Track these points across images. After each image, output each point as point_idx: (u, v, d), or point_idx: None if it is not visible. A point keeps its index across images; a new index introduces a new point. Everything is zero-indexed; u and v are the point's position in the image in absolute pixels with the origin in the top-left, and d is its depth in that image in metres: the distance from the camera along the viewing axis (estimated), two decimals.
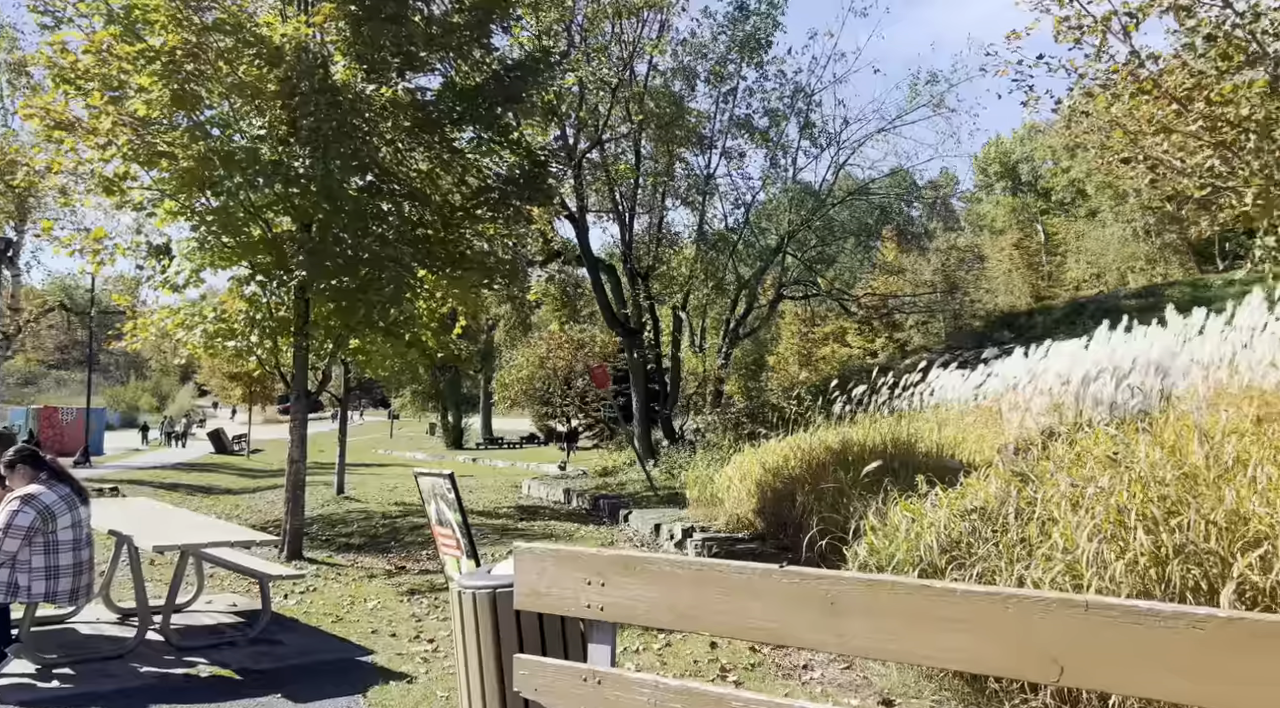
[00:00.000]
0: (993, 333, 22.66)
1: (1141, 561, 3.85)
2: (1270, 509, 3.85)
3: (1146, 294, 23.41)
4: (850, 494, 8.03)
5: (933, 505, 5.25)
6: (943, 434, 10.94)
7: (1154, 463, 4.54)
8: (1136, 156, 8.02)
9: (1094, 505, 4.26)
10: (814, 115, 24.70)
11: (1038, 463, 5.37)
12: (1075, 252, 58.26)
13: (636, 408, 23.23)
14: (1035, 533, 4.49)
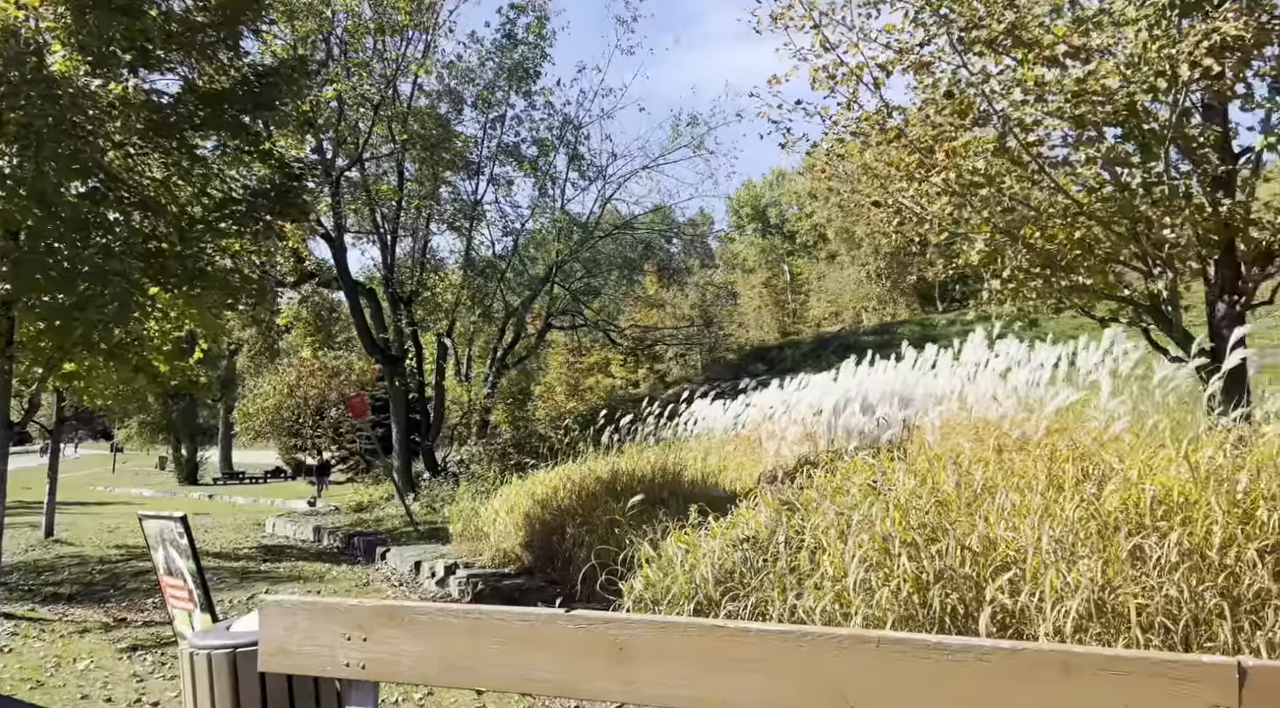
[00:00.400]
0: (748, 365, 23.75)
1: (905, 587, 3.95)
2: (1016, 534, 4.08)
3: (882, 331, 25.43)
4: (622, 525, 7.95)
5: (706, 536, 5.22)
6: (707, 463, 11.16)
7: (911, 491, 4.72)
8: (886, 201, 8.57)
9: (860, 533, 4.36)
10: (582, 148, 25.00)
11: (803, 492, 5.48)
12: (817, 291, 62.69)
13: (397, 439, 22.27)
14: (805, 562, 4.53)
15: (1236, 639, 3.27)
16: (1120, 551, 3.68)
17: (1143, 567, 3.62)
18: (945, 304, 52.46)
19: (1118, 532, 3.82)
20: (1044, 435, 6.95)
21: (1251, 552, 3.44)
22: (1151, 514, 3.84)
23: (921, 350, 12.23)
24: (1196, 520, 3.70)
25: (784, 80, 9.48)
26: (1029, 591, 3.68)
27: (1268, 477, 3.79)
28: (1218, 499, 3.66)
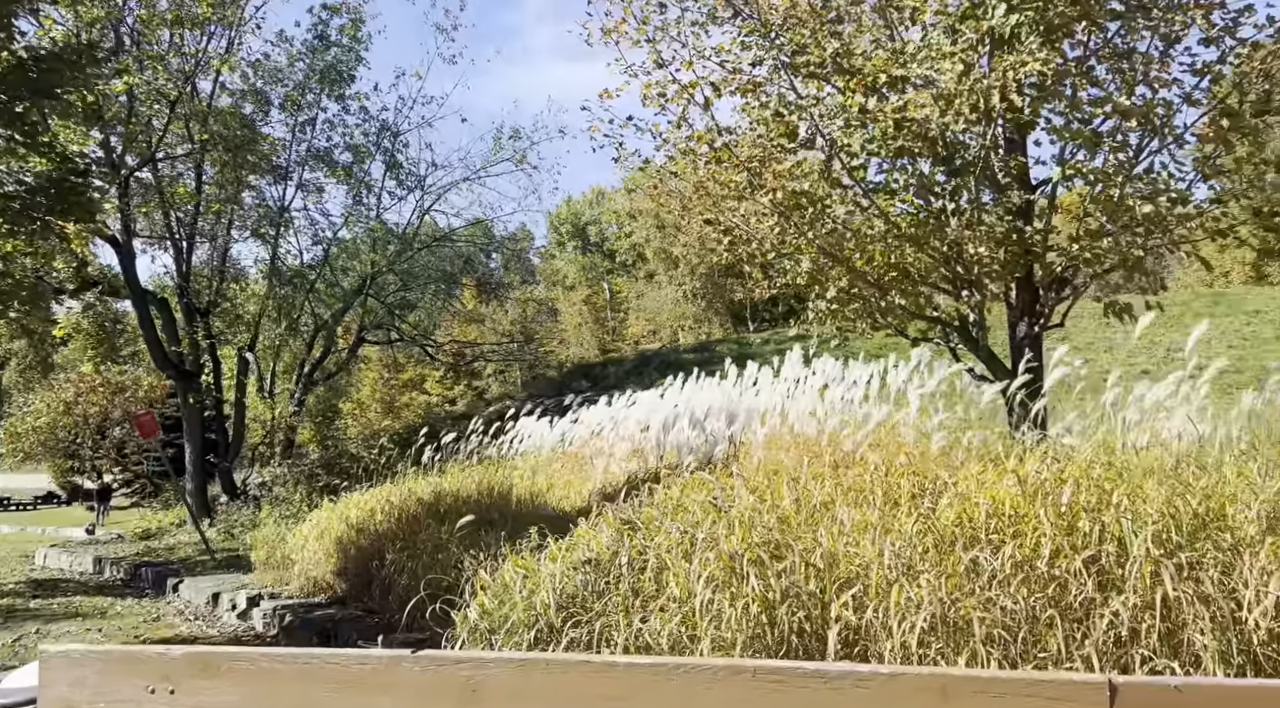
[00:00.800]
0: (571, 381, 23.65)
1: (753, 607, 3.88)
2: (857, 550, 4.10)
3: (702, 349, 25.97)
4: (449, 549, 7.57)
5: (545, 559, 4.99)
6: (535, 482, 10.91)
7: (752, 508, 4.69)
8: (718, 220, 8.64)
9: (705, 552, 4.27)
10: (401, 156, 24.17)
11: (644, 510, 5.35)
12: (636, 309, 63.70)
13: (191, 460, 20.64)
14: (649, 584, 4.40)
15: (1068, 648, 3.39)
16: (958, 565, 3.75)
17: (979, 580, 3.70)
18: (757, 324, 54.45)
19: (954, 546, 3.90)
20: (869, 450, 7.17)
21: (1078, 562, 3.57)
22: (985, 528, 3.95)
23: (743, 368, 12.51)
24: (1026, 533, 3.83)
25: (615, 95, 9.44)
26: (875, 607, 3.69)
27: (1085, 490, 3.98)
28: (1045, 512, 3.80)
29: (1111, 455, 4.62)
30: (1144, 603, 3.40)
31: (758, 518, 4.46)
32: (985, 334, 8.34)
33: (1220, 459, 4.56)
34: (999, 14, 6.03)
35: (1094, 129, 6.52)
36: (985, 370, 8.39)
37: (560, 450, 12.70)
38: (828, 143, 7.23)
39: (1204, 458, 4.66)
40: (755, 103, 8.22)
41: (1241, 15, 6.59)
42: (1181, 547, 3.55)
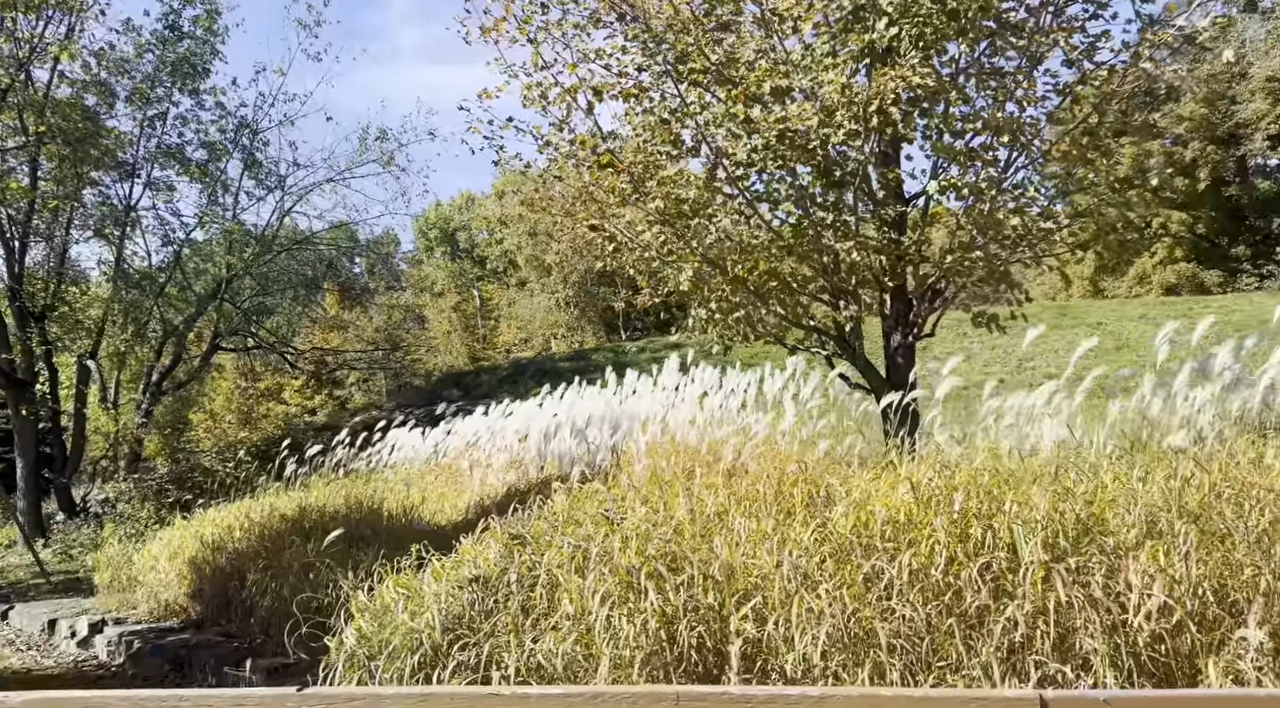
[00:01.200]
0: (442, 390, 22.99)
1: (652, 623, 3.75)
2: (754, 561, 4.03)
3: (578, 357, 25.78)
4: (318, 569, 7.14)
5: (428, 578, 4.73)
6: (409, 496, 10.51)
7: (644, 519, 4.57)
8: (602, 226, 8.51)
9: (600, 567, 4.12)
10: (260, 154, 23.03)
11: (532, 523, 5.15)
12: (508, 317, 63.05)
13: (22, 476, 19.04)
14: (542, 601, 4.21)
15: (967, 656, 3.40)
16: (857, 574, 3.73)
17: (878, 589, 3.69)
18: (630, 332, 54.69)
19: (851, 555, 3.88)
20: (755, 460, 7.18)
21: (973, 570, 3.60)
22: (880, 536, 3.95)
23: (621, 376, 12.44)
24: (921, 541, 3.84)
25: (494, 96, 9.20)
26: (775, 619, 3.62)
27: (976, 497, 4.03)
28: (941, 520, 3.82)
29: (998, 462, 4.72)
30: (1036, 609, 3.44)
31: (652, 530, 4.34)
32: (862, 344, 8.52)
33: (1097, 464, 4.73)
34: (880, 26, 6.16)
35: (967, 144, 6.74)
36: (860, 379, 8.57)
37: (434, 462, 12.31)
38: (713, 151, 7.22)
39: (1080, 463, 4.81)
40: (639, 109, 8.16)
41: (1098, 40, 6.94)
42: (1068, 552, 3.63)
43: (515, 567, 4.50)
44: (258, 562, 7.97)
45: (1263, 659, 3.03)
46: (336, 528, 8.10)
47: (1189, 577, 3.33)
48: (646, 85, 7.64)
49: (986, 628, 3.48)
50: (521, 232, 57.43)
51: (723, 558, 3.98)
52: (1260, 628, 3.07)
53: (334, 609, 5.33)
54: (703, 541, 4.26)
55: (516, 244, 58.50)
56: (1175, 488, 3.91)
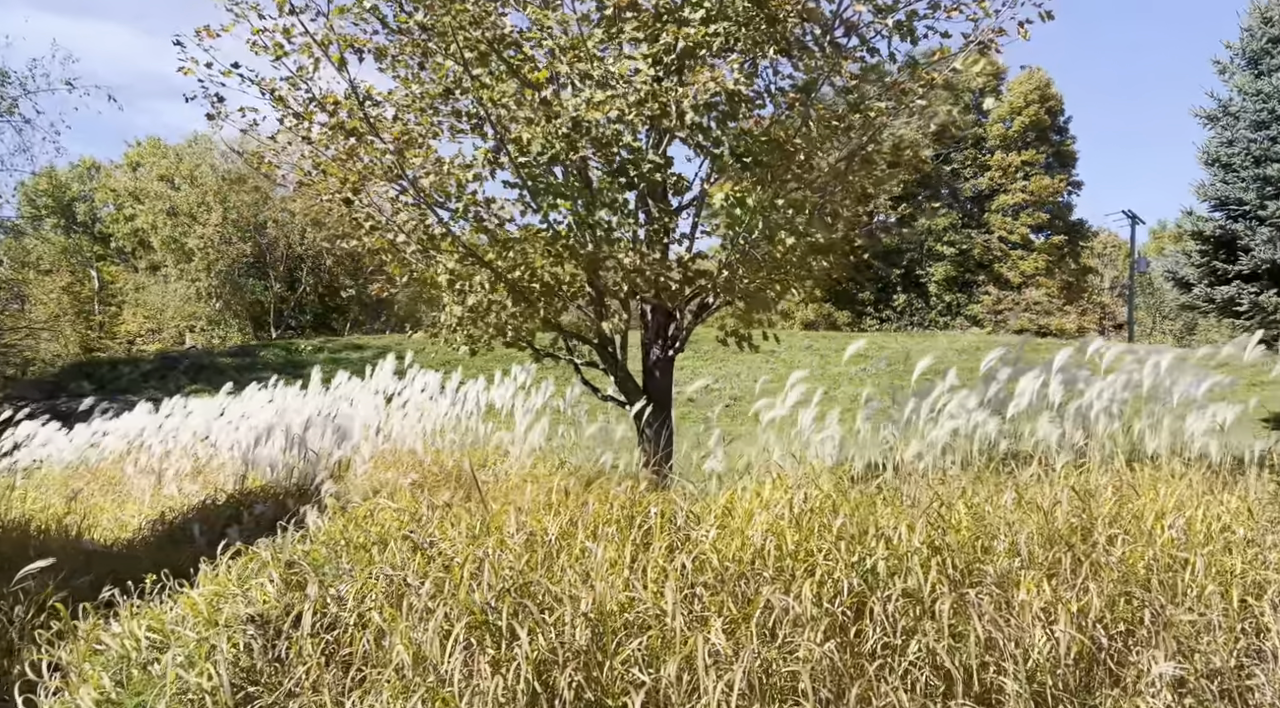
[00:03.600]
0: (69, 383, 19.38)
1: (526, 670, 3.07)
2: (627, 592, 3.49)
3: (242, 353, 23.00)
4: None
5: (176, 617, 3.64)
6: (50, 506, 8.54)
7: (477, 544, 3.85)
8: (361, 200, 7.43)
9: (444, 603, 3.35)
10: None
11: (311, 549, 4.18)
12: (134, 304, 56.17)
13: None
14: (359, 647, 3.35)
15: (879, 694, 3.12)
16: (755, 606, 3.32)
17: (774, 623, 3.32)
18: (280, 330, 50.68)
19: (742, 582, 3.48)
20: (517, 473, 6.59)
21: (876, 603, 3.35)
22: (762, 562, 3.59)
23: (297, 377, 11.29)
24: (807, 568, 3.53)
25: (217, 34, 7.81)
26: (674, 662, 3.11)
27: (854, 520, 3.81)
28: (832, 545, 3.54)
29: (840, 482, 4.56)
30: (947, 645, 3.26)
31: (491, 558, 3.63)
32: (626, 354, 8.21)
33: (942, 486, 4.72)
34: (697, 19, 5.90)
35: (756, 157, 6.65)
36: (615, 391, 8.25)
37: (79, 468, 10.19)
38: (498, 133, 6.55)
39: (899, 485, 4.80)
40: (412, 73, 7.27)
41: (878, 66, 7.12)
42: (959, 583, 3.51)
43: (308, 603, 3.57)
44: None
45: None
46: None
47: (1092, 608, 3.31)
48: (432, 49, 6.76)
49: (894, 664, 3.23)
50: (159, 210, 51.51)
51: (599, 591, 3.39)
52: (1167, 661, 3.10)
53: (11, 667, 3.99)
54: (557, 571, 3.63)
55: (151, 223, 52.29)
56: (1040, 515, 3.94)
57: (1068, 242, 41.37)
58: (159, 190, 52.28)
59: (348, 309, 56.64)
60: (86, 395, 17.24)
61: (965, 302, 41.10)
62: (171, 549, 6.59)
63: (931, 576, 3.41)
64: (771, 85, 6.64)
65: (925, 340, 24.20)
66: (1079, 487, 4.23)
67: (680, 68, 6.38)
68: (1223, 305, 15.56)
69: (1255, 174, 15.33)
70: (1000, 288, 40.34)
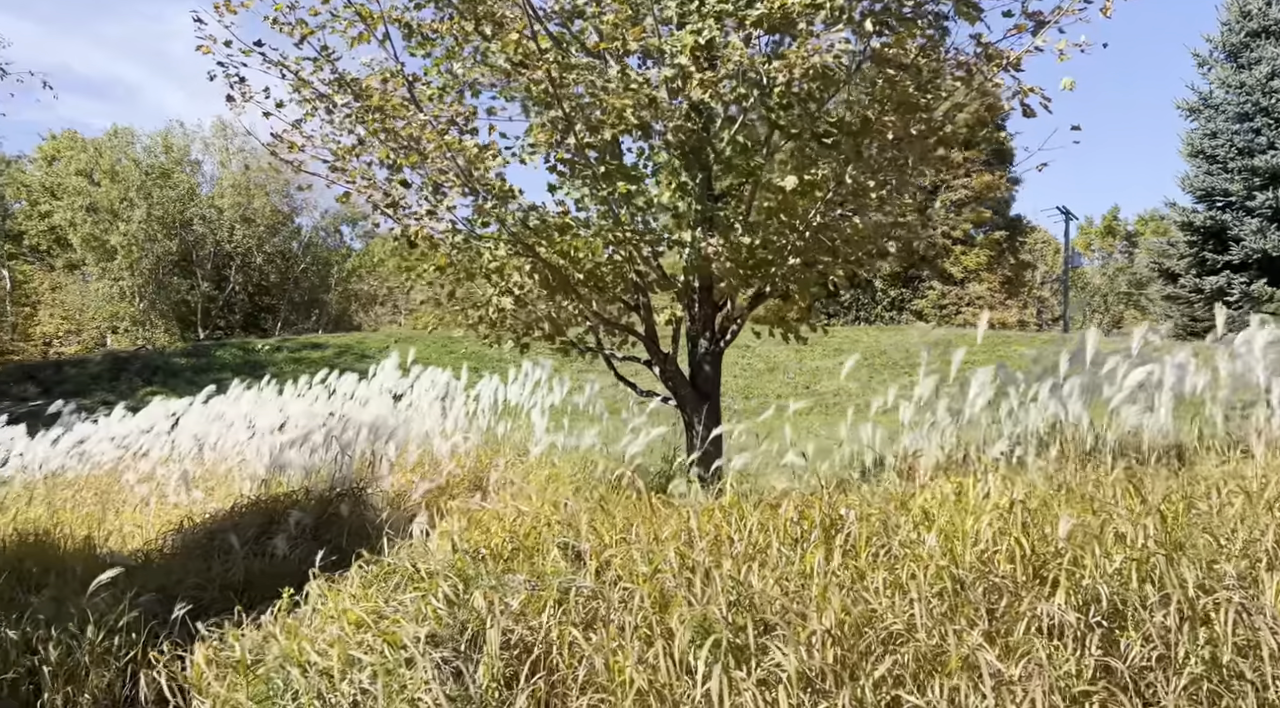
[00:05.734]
0: (11, 385, 18.12)
1: (792, 697, 2.73)
2: (875, 604, 3.17)
3: (196, 354, 21.83)
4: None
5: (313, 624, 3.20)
6: (39, 515, 7.85)
7: (661, 553, 3.49)
8: (374, 185, 6.93)
9: (646, 616, 2.98)
10: None
11: (456, 558, 3.76)
12: (51, 304, 53.75)
13: None
14: (577, 671, 2.97)
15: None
16: (1016, 616, 3.04)
17: (1019, 632, 3.04)
18: (209, 330, 48.89)
19: (979, 591, 3.19)
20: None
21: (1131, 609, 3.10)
22: (992, 568, 3.31)
23: (257, 377, 10.76)
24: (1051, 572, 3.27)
25: (236, 9, 7.27)
26: (948, 681, 2.80)
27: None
28: (1074, 548, 3.27)
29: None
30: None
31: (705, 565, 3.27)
32: (676, 347, 7.88)
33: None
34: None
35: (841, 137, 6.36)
36: (666, 389, 7.87)
37: (62, 475, 9.44)
38: (565, 115, 6.13)
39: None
40: (453, 50, 6.82)
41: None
42: (1203, 586, 3.27)
43: (492, 620, 3.17)
44: None
45: None
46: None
47: None
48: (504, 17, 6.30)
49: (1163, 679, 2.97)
50: (78, 206, 49.25)
51: (835, 603, 3.05)
52: None
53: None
54: (760, 582, 3.28)
55: (69, 220, 49.94)
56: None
57: (1007, 237, 42.30)
58: (78, 185, 49.98)
59: (277, 309, 55.08)
60: (31, 399, 16.23)
61: (910, 296, 41.72)
62: (213, 560, 6.05)
63: (1190, 576, 3.16)
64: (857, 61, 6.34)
65: (895, 334, 24.33)
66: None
67: (777, 42, 6.09)
68: (1212, 295, 15.85)
69: (1243, 166, 15.64)
70: (944, 283, 41.04)
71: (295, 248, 56.54)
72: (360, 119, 6.94)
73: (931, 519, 3.56)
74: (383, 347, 21.96)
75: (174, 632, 4.48)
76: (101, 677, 4.41)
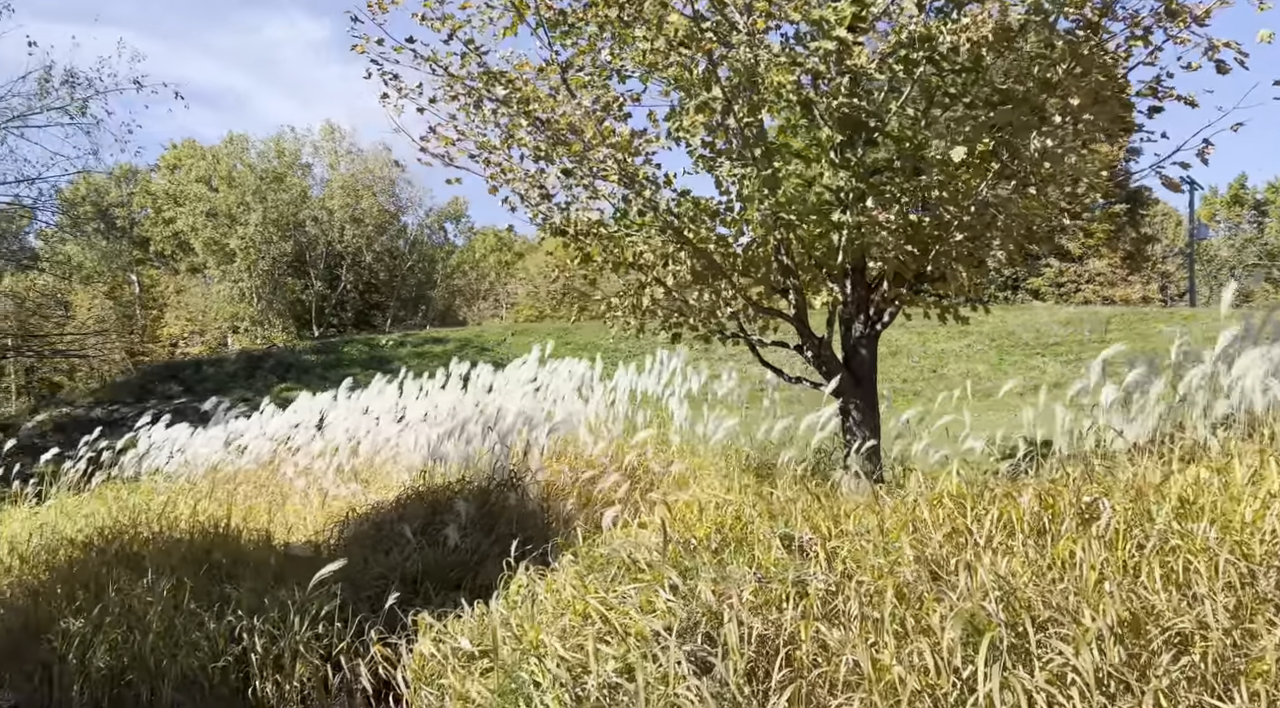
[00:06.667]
0: (156, 384, 19.02)
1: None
2: (1155, 601, 2.94)
3: (325, 350, 22.58)
4: (190, 612, 4.96)
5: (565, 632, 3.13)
6: (212, 510, 8.10)
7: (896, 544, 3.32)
8: (530, 183, 6.91)
9: (886, 609, 2.82)
10: None
11: (671, 549, 3.67)
12: (175, 307, 56.27)
13: None
14: (840, 667, 2.83)
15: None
16: None
17: None
18: (323, 328, 50.38)
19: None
20: None
21: None
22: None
23: (386, 372, 10.94)
24: None
25: (388, 6, 7.34)
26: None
27: None
28: None
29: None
30: None
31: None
32: (831, 331, 7.66)
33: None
34: None
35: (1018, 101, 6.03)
36: (820, 375, 7.67)
37: (228, 469, 9.77)
38: (724, 95, 5.96)
39: None
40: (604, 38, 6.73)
41: None
42: None
43: (729, 613, 3.05)
44: (65, 604, 5.48)
45: None
46: (175, 554, 5.92)
47: None
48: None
49: None
50: (198, 212, 51.34)
51: (1116, 599, 2.84)
52: None
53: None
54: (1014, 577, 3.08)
55: (191, 225, 52.10)
56: None
57: (1128, 211, 40.38)
58: (198, 192, 52.09)
59: (386, 306, 56.42)
60: (176, 397, 16.93)
61: (1025, 275, 40.24)
62: (390, 550, 6.12)
63: None
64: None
65: (1023, 314, 23.41)
66: None
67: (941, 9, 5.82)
68: None
69: None
70: (1061, 260, 39.44)
71: (402, 246, 57.82)
72: (519, 110, 6.87)
73: (1193, 507, 3.29)
74: (500, 340, 22.28)
75: (379, 621, 4.54)
76: (309, 666, 4.49)
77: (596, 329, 20.28)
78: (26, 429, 15.17)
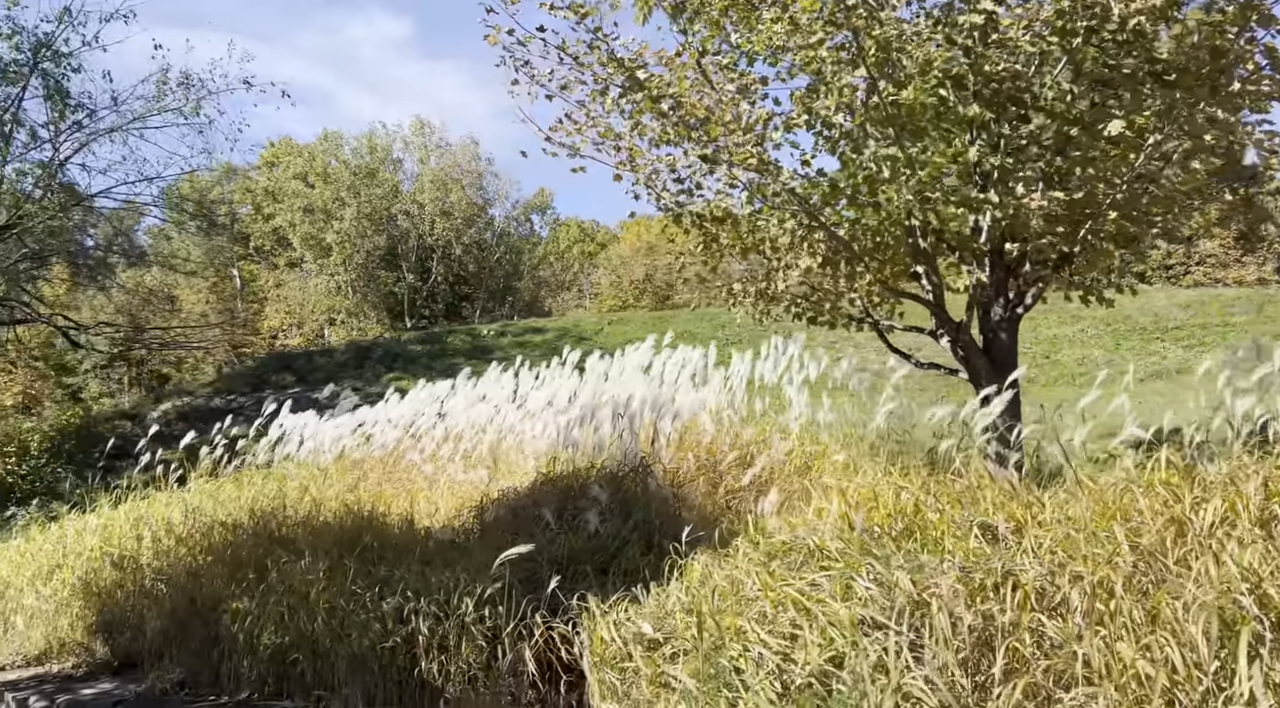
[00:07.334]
0: (270, 375, 19.73)
1: None
2: None
3: (429, 340, 23.11)
4: (334, 592, 5.07)
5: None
6: (358, 496, 8.29)
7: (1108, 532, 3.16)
8: (657, 166, 6.86)
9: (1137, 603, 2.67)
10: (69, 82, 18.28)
11: (850, 536, 3.57)
12: (274, 300, 57.96)
13: None
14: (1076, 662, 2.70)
15: None
16: None
17: None
18: (414, 320, 51.43)
19: None
20: None
21: None
22: None
23: (486, 361, 10.99)
24: None
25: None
26: None
27: None
28: None
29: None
30: None
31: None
32: (971, 316, 7.45)
33: None
34: None
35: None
36: (959, 362, 7.46)
37: (353, 456, 10.00)
38: (870, 73, 5.79)
39: None
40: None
41: None
42: None
43: (937, 604, 2.95)
44: (232, 582, 5.67)
45: None
46: (331, 537, 6.05)
47: None
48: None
49: None
50: (296, 207, 52.80)
51: None
52: None
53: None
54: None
55: (289, 221, 53.65)
56: None
57: (1243, 187, 38.43)
58: (295, 188, 53.47)
59: (475, 297, 57.25)
60: (289, 387, 17.45)
61: (1130, 258, 38.61)
62: (535, 534, 6.14)
63: None
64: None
65: (1138, 297, 22.47)
66: None
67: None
68: None
69: None
70: (1169, 241, 37.75)
71: (489, 238, 58.43)
72: (651, 97, 6.80)
73: None
74: (597, 329, 22.42)
75: (542, 605, 4.57)
76: (474, 647, 4.54)
77: (690, 318, 20.21)
78: (153, 418, 15.81)
